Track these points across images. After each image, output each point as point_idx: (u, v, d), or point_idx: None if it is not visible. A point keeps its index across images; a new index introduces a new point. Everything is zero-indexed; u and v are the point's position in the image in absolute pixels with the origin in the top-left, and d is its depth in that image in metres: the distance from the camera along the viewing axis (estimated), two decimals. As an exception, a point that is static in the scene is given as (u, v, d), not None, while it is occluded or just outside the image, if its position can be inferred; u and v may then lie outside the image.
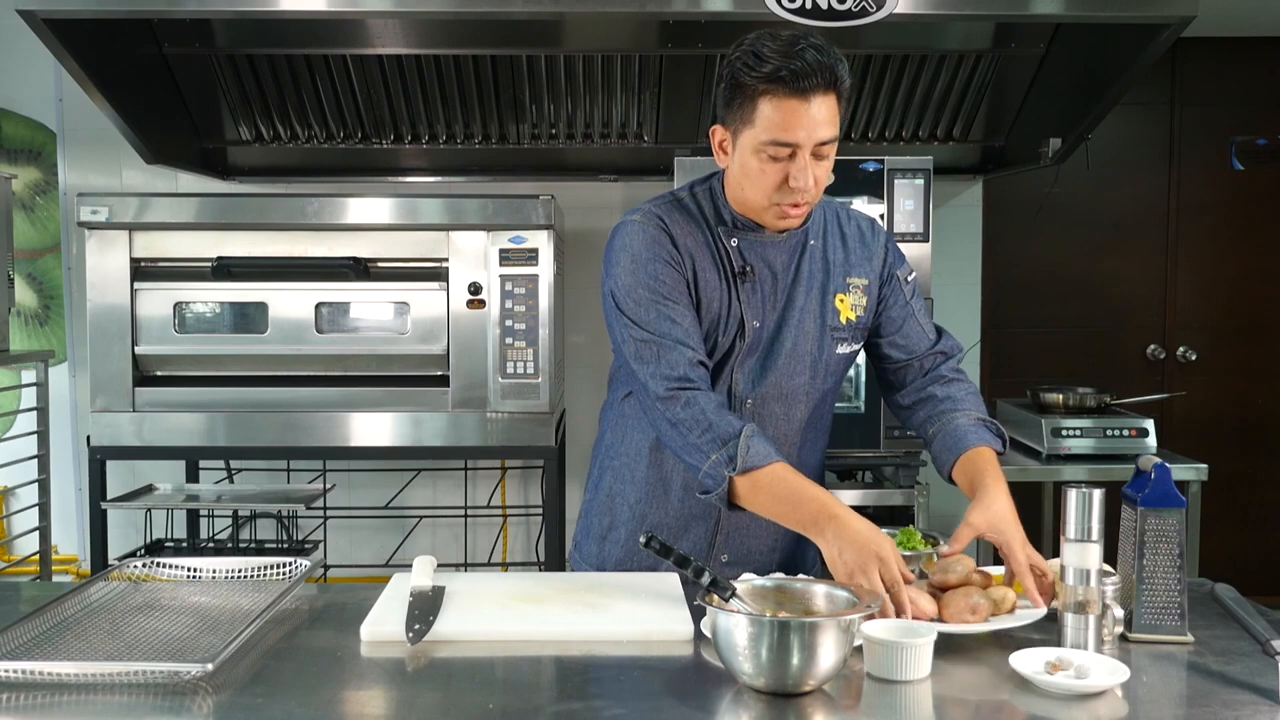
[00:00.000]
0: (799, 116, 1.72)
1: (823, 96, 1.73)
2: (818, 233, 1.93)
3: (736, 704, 1.40)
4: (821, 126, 1.73)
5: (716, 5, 3.10)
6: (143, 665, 1.43)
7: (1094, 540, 1.55)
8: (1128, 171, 4.56)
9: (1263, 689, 1.43)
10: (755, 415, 1.90)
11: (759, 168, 1.78)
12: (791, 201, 1.79)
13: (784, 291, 1.90)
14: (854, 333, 1.95)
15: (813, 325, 1.91)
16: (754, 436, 1.76)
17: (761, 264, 1.89)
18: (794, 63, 1.70)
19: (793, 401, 1.92)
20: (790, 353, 1.90)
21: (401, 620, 1.64)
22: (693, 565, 1.54)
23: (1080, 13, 3.17)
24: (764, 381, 1.90)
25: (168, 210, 3.55)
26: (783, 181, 1.77)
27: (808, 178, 1.76)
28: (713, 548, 1.99)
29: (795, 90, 1.71)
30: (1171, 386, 4.53)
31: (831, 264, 1.93)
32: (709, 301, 1.87)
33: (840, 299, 1.93)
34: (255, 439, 3.55)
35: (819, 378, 1.93)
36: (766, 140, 1.74)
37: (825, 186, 1.82)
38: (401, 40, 3.53)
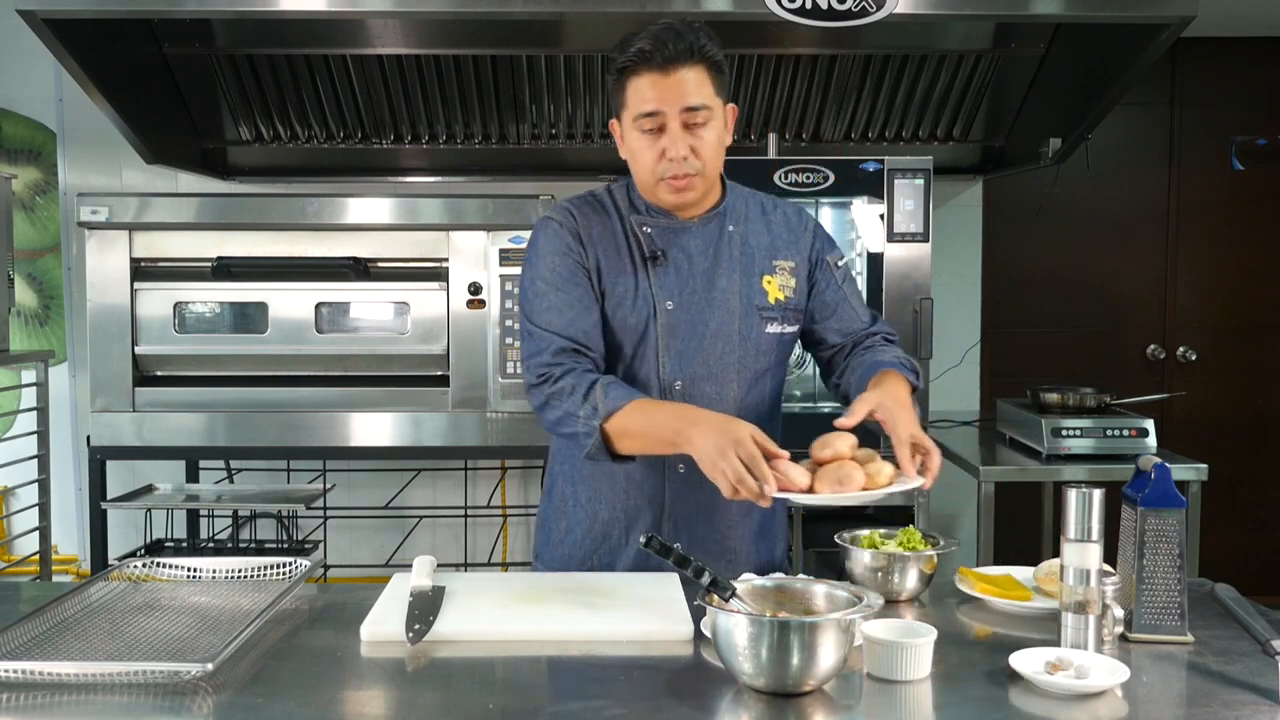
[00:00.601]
0: (660, 88, 1.83)
1: (685, 68, 1.83)
2: (738, 220, 2.00)
3: (736, 704, 1.40)
4: (685, 95, 1.83)
5: (716, 5, 3.10)
6: (143, 665, 1.43)
7: (1094, 540, 1.54)
8: (1128, 171, 4.56)
9: (1263, 689, 1.43)
10: (687, 396, 1.94)
11: (638, 144, 1.88)
12: (672, 174, 1.87)
13: (703, 274, 1.95)
14: (784, 313, 2.00)
15: (738, 305, 1.95)
16: (611, 384, 1.85)
17: (676, 249, 1.95)
18: (653, 40, 1.83)
19: (724, 381, 1.96)
20: (715, 333, 1.94)
21: (401, 620, 1.64)
22: (693, 565, 1.54)
23: (1080, 13, 3.17)
24: (691, 362, 1.94)
25: (168, 210, 3.55)
26: (661, 155, 1.86)
27: (679, 147, 1.84)
28: (664, 535, 1.97)
29: (656, 64, 1.83)
30: (1171, 386, 4.53)
31: (755, 248, 1.99)
32: (613, 286, 1.94)
33: (767, 280, 1.98)
34: (255, 439, 3.55)
35: (750, 356, 1.97)
36: (636, 114, 1.86)
37: (716, 159, 1.90)
38: (401, 40, 3.53)
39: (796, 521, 3.73)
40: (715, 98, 1.87)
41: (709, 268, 1.95)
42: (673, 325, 1.94)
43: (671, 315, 1.93)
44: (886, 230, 3.36)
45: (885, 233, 3.36)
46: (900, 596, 1.82)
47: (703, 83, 1.84)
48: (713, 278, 1.95)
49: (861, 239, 3.42)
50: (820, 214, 3.53)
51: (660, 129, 1.85)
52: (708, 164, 1.89)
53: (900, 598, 1.82)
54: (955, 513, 4.32)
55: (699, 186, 1.91)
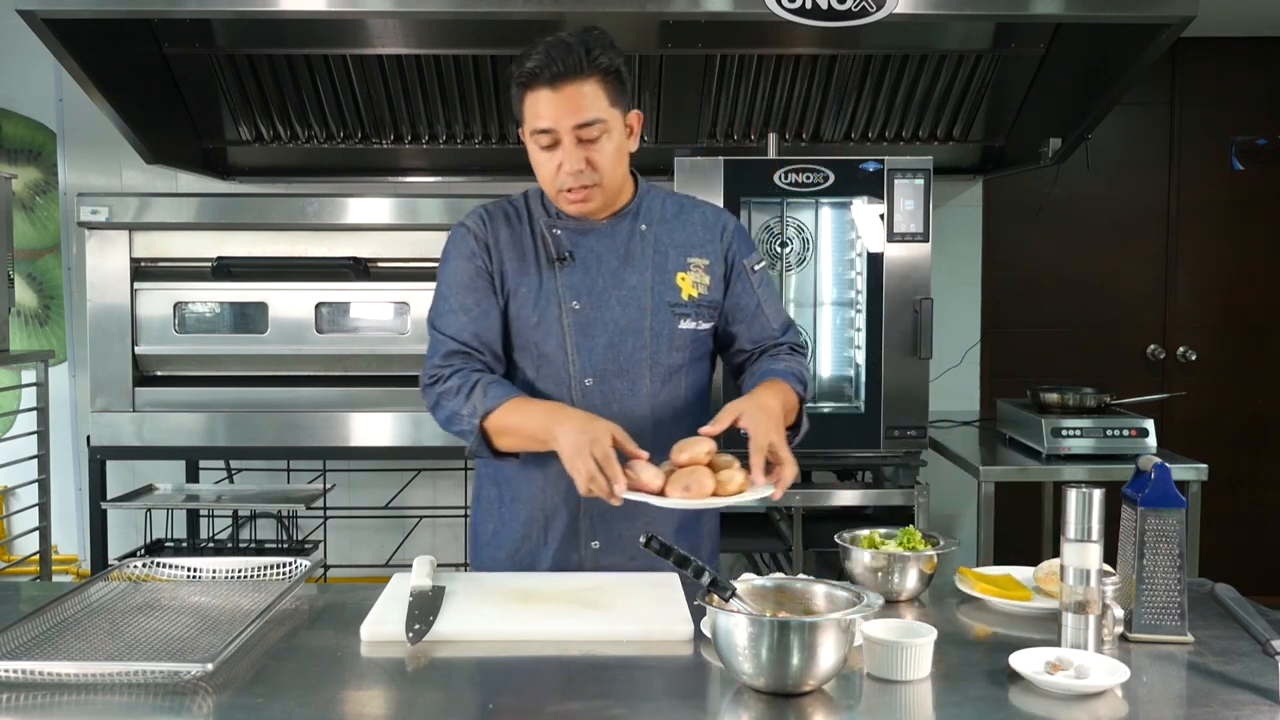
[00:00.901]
0: (552, 104, 1.85)
1: (576, 83, 1.85)
2: (651, 218, 2.02)
3: (736, 704, 1.40)
4: (576, 111, 1.85)
5: (716, 5, 3.10)
6: (143, 665, 1.43)
7: (1094, 540, 1.54)
8: (1128, 171, 4.56)
9: (1263, 689, 1.43)
10: (599, 392, 1.97)
11: (537, 157, 1.92)
12: (569, 186, 1.90)
13: (612, 273, 1.98)
14: (698, 310, 2.01)
15: (649, 302, 1.97)
16: (492, 384, 1.90)
17: (585, 250, 1.98)
18: (543, 56, 1.85)
19: (635, 377, 1.98)
20: (625, 330, 1.97)
21: (401, 620, 1.64)
22: (693, 565, 1.54)
23: (1080, 13, 3.17)
24: (600, 359, 1.96)
25: (168, 210, 3.55)
26: (557, 169, 1.89)
27: (575, 161, 1.87)
28: (579, 534, 2.01)
29: (546, 81, 1.85)
30: (1171, 386, 4.53)
31: (668, 245, 2.01)
32: (518, 287, 1.98)
33: (681, 277, 2.00)
34: (255, 439, 3.55)
35: (662, 352, 1.99)
36: (532, 130, 1.89)
37: (615, 169, 1.92)
38: (401, 40, 3.53)
39: (796, 521, 3.73)
40: (611, 109, 1.89)
41: (618, 266, 1.98)
42: (580, 323, 1.96)
43: (579, 314, 1.96)
44: (886, 230, 3.36)
45: (885, 233, 3.36)
46: (900, 596, 1.82)
47: (596, 96, 1.87)
48: (622, 275, 1.98)
49: (861, 239, 3.42)
50: (820, 214, 3.53)
51: (556, 144, 1.88)
52: (605, 175, 1.91)
53: (900, 598, 1.82)
54: (955, 513, 4.32)
55: (598, 197, 1.93)
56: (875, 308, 3.38)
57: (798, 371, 2.02)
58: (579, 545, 2.01)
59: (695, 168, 3.38)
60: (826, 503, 3.49)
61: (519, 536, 2.03)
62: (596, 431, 1.74)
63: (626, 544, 1.98)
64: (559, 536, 2.01)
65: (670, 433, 1.95)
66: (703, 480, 1.65)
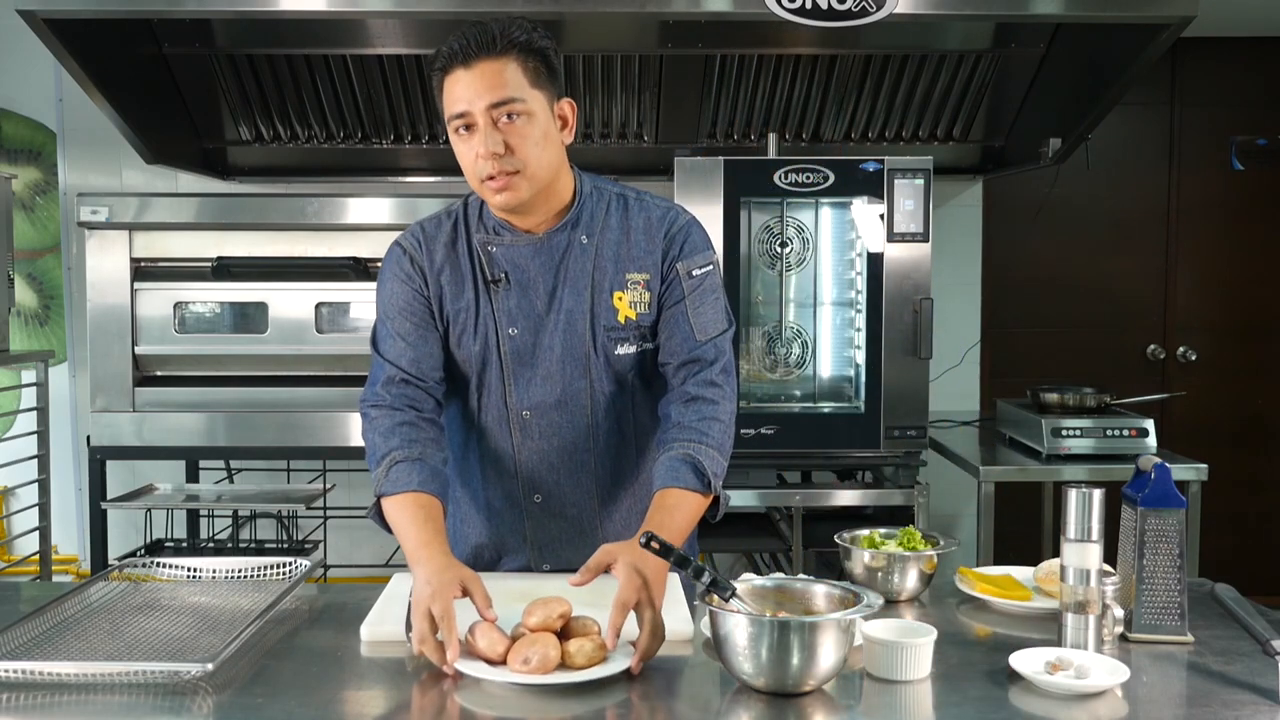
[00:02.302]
0: (464, 84, 1.71)
1: (491, 61, 1.70)
2: (594, 228, 1.85)
3: (736, 704, 1.40)
4: (491, 90, 1.70)
5: (716, 5, 3.10)
6: (143, 665, 1.43)
7: (1094, 540, 1.55)
8: (1128, 171, 4.56)
9: (1263, 689, 1.43)
10: (536, 425, 1.85)
11: (458, 148, 1.76)
12: (488, 174, 1.72)
13: (548, 295, 1.83)
14: (634, 333, 1.84)
15: (584, 327, 1.82)
16: (397, 464, 1.74)
17: (518, 269, 1.83)
18: (460, 37, 1.72)
19: (575, 410, 1.85)
20: (562, 358, 1.83)
21: (401, 620, 1.64)
22: (693, 565, 1.54)
23: (1080, 13, 3.17)
24: (538, 390, 1.84)
25: (168, 210, 3.55)
26: (477, 155, 1.73)
27: (492, 143, 1.70)
28: (529, 562, 1.96)
29: (461, 61, 1.71)
30: (1171, 386, 4.53)
31: (607, 260, 1.84)
32: (456, 313, 1.85)
33: (619, 297, 1.83)
34: (255, 439, 3.55)
35: (602, 381, 1.85)
36: (448, 117, 1.74)
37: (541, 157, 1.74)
38: (401, 40, 3.53)
39: (796, 521, 3.73)
40: (532, 90, 1.72)
41: (555, 286, 1.82)
42: (517, 352, 1.83)
43: (515, 341, 1.83)
44: (886, 230, 3.36)
45: (885, 233, 3.36)
46: (900, 596, 1.82)
47: (514, 73, 1.71)
48: (560, 297, 1.82)
49: (861, 239, 3.42)
50: (820, 214, 3.53)
51: (472, 126, 1.72)
52: (529, 162, 1.73)
53: (900, 598, 1.82)
54: (955, 513, 4.32)
55: (522, 187, 1.74)
56: (875, 308, 3.38)
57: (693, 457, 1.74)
58: (531, 569, 1.96)
59: (695, 168, 3.38)
60: (826, 503, 3.48)
61: (470, 558, 1.95)
62: (444, 587, 1.52)
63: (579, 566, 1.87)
64: (515, 562, 1.96)
65: (619, 459, 1.89)
66: (547, 652, 1.43)
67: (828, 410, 3.52)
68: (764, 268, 3.53)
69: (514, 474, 1.89)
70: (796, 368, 3.56)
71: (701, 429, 1.79)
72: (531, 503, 1.91)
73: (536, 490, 1.89)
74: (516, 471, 1.89)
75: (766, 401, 3.52)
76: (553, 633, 1.48)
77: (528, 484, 1.89)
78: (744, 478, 3.45)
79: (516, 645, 1.46)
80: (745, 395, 3.47)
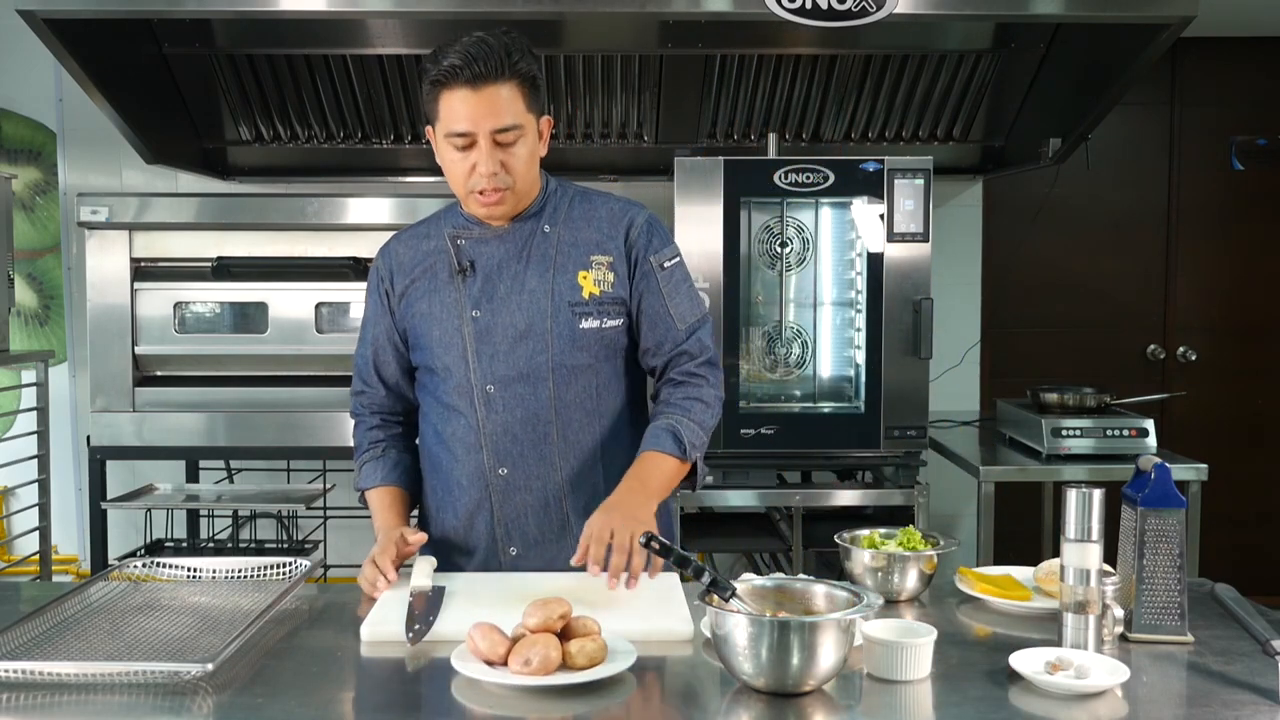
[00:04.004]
0: (471, 106, 1.82)
1: (496, 85, 1.83)
2: (556, 219, 2.00)
3: (736, 704, 1.40)
4: (496, 115, 1.83)
5: (716, 5, 3.10)
6: (143, 665, 1.43)
7: (1094, 540, 1.55)
8: (1128, 171, 4.56)
9: (1263, 689, 1.43)
10: (501, 398, 1.96)
11: (450, 158, 1.89)
12: (481, 188, 1.88)
13: (513, 278, 1.96)
14: (601, 307, 1.97)
15: (548, 304, 1.95)
16: (366, 464, 2.08)
17: (484, 257, 1.97)
18: (465, 55, 1.81)
19: (537, 380, 1.96)
20: (525, 334, 1.95)
21: (401, 620, 1.64)
22: (693, 565, 1.54)
23: (1080, 13, 3.17)
24: (501, 365, 1.96)
25: (168, 210, 3.55)
26: (471, 170, 1.87)
27: (490, 164, 1.85)
28: (497, 540, 2.02)
29: (466, 80, 1.82)
30: (1171, 386, 4.53)
31: (570, 245, 1.98)
32: (421, 305, 2.00)
33: (583, 275, 1.97)
34: (255, 439, 3.55)
35: (565, 353, 1.96)
36: (447, 132, 1.86)
37: (528, 173, 1.91)
38: (401, 40, 3.53)
39: (796, 521, 3.73)
40: (527, 114, 1.87)
41: (520, 269, 1.96)
42: (480, 331, 1.96)
43: (478, 322, 1.96)
44: (886, 230, 3.36)
45: (885, 233, 3.36)
46: (900, 596, 1.82)
47: (515, 100, 1.85)
48: (523, 279, 1.96)
49: (861, 239, 3.42)
50: (820, 214, 3.53)
51: (471, 145, 1.85)
52: (519, 179, 1.89)
53: (900, 598, 1.82)
54: (955, 513, 4.32)
55: (510, 201, 1.92)
56: (875, 308, 3.38)
57: (674, 427, 1.95)
58: (501, 551, 2.02)
59: (695, 168, 3.38)
60: (826, 503, 3.49)
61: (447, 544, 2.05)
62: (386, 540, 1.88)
63: (545, 548, 2.00)
64: (480, 541, 2.03)
65: (580, 434, 1.99)
66: (547, 653, 1.43)
67: (828, 410, 3.52)
68: (764, 268, 3.53)
69: (480, 447, 1.99)
70: (796, 368, 3.56)
71: (684, 406, 1.99)
72: (497, 476, 1.99)
73: (502, 464, 1.98)
74: (482, 445, 1.99)
75: (766, 401, 3.52)
76: (553, 633, 1.48)
77: (493, 457, 1.98)
78: (744, 478, 3.45)
79: (517, 646, 1.46)
80: (745, 395, 3.47)
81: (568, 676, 1.43)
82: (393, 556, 1.84)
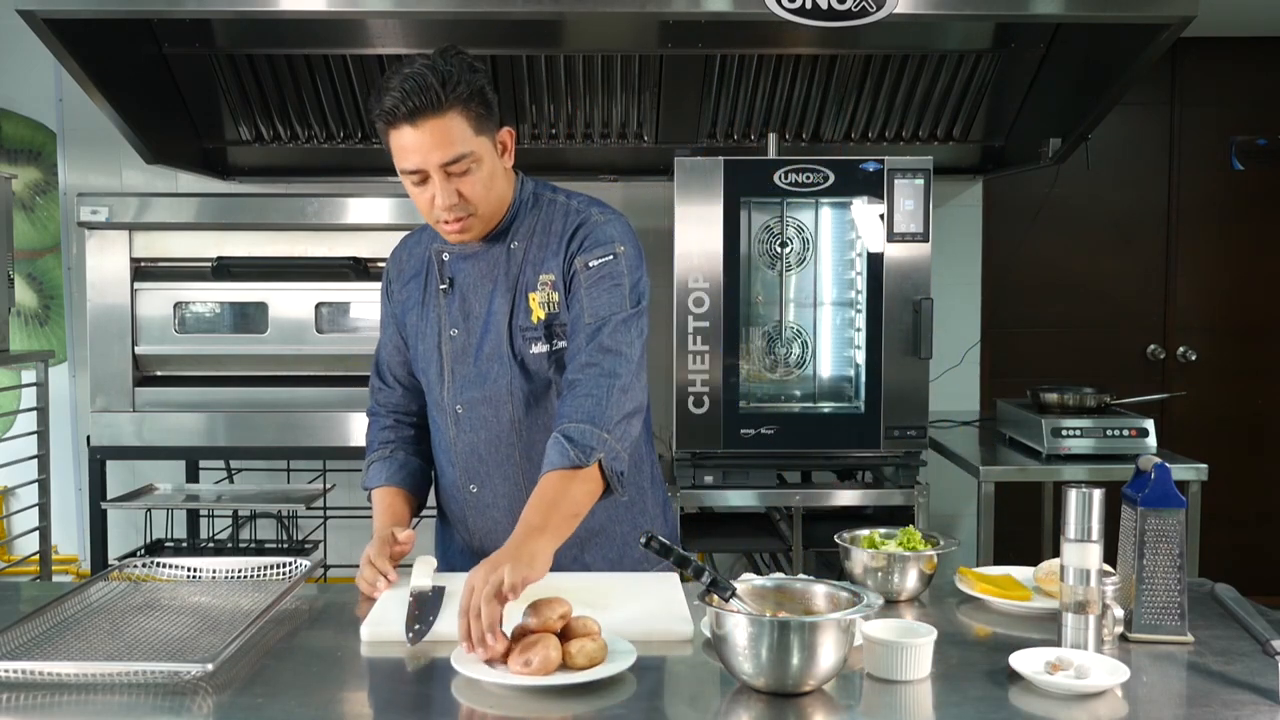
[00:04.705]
0: (415, 142, 1.78)
1: (436, 118, 1.76)
2: (525, 234, 1.95)
3: (736, 704, 1.40)
4: (441, 148, 1.77)
5: (716, 5, 3.10)
6: (143, 665, 1.43)
7: (1094, 540, 1.55)
8: (1128, 171, 4.56)
9: (1263, 689, 1.43)
10: (468, 419, 1.97)
11: (411, 191, 1.86)
12: (444, 219, 1.85)
13: (486, 298, 1.95)
14: (547, 330, 1.91)
15: (505, 328, 1.93)
16: (373, 464, 2.07)
17: (464, 275, 1.97)
18: (398, 92, 1.75)
19: (499, 404, 1.94)
20: (489, 357, 1.94)
21: (401, 620, 1.64)
22: (693, 565, 1.54)
23: (1080, 13, 3.17)
24: (469, 387, 1.96)
25: (168, 210, 3.55)
26: (431, 202, 1.84)
27: (447, 196, 1.81)
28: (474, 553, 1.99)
29: (405, 118, 1.76)
30: (1171, 386, 4.53)
31: (526, 264, 1.93)
32: (413, 317, 2.02)
33: (532, 297, 1.92)
34: (255, 439, 3.55)
35: (520, 379, 1.93)
36: (400, 169, 1.83)
37: (489, 194, 1.85)
38: (401, 40, 3.53)
39: (796, 521, 3.73)
40: (477, 138, 1.81)
41: (489, 291, 1.95)
42: (455, 351, 1.97)
43: (455, 342, 1.97)
44: (886, 230, 3.36)
45: (885, 233, 3.36)
46: (900, 596, 1.82)
47: (460, 128, 1.78)
48: (491, 301, 1.95)
49: (861, 239, 3.42)
50: (820, 214, 3.53)
51: (426, 179, 1.81)
52: (480, 204, 1.85)
53: (900, 598, 1.82)
54: (955, 513, 4.32)
55: (476, 226, 1.88)
56: (875, 308, 3.38)
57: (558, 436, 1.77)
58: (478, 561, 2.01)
59: (695, 168, 3.38)
60: (826, 503, 3.49)
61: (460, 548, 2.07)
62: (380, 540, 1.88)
63: None
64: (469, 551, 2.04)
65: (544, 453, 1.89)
66: (547, 653, 1.43)
67: (828, 410, 3.52)
68: (764, 268, 3.53)
69: (453, 464, 2.02)
70: (796, 368, 3.56)
71: (573, 408, 1.80)
72: (469, 493, 2.01)
73: (472, 481, 2.00)
74: (454, 462, 2.01)
75: (766, 401, 3.52)
76: (553, 633, 1.48)
77: (464, 474, 2.00)
78: (744, 478, 3.45)
79: (517, 647, 1.46)
80: (745, 395, 3.47)
81: (568, 676, 1.43)
82: (387, 555, 1.86)
